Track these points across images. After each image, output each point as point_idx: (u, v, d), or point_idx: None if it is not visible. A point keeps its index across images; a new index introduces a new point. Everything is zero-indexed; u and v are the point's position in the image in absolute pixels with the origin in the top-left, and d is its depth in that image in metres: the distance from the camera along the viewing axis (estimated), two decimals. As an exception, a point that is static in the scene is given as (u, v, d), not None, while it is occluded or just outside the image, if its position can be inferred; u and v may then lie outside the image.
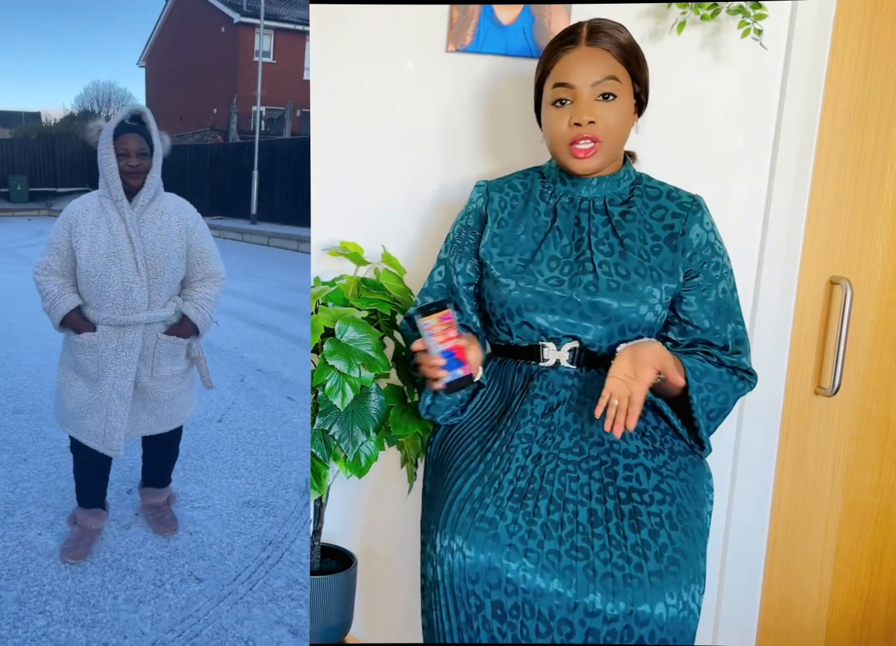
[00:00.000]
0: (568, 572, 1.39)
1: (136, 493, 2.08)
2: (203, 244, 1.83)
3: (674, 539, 1.42)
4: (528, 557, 1.40)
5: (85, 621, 1.61)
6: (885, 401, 1.99)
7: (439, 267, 1.66)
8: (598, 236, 1.52)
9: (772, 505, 2.01)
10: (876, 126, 1.88)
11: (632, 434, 1.50)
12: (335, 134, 1.91)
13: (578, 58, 1.48)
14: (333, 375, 1.60)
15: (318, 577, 1.80)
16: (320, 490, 1.72)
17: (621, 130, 1.51)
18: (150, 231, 1.75)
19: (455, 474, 1.52)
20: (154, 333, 1.79)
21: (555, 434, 1.50)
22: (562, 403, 1.51)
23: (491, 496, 1.45)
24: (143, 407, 1.83)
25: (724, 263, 1.56)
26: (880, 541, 2.04)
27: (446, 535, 1.44)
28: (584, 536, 1.41)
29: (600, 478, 1.46)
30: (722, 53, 1.84)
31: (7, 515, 2.00)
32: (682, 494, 1.48)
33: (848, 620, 2.08)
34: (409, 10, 1.87)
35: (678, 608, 1.38)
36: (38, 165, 12.18)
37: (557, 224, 1.55)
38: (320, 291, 1.74)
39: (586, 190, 1.56)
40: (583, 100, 1.47)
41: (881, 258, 1.94)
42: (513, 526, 1.42)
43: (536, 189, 1.60)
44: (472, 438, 1.56)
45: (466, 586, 1.42)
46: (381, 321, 1.77)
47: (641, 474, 1.47)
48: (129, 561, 1.83)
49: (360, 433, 1.66)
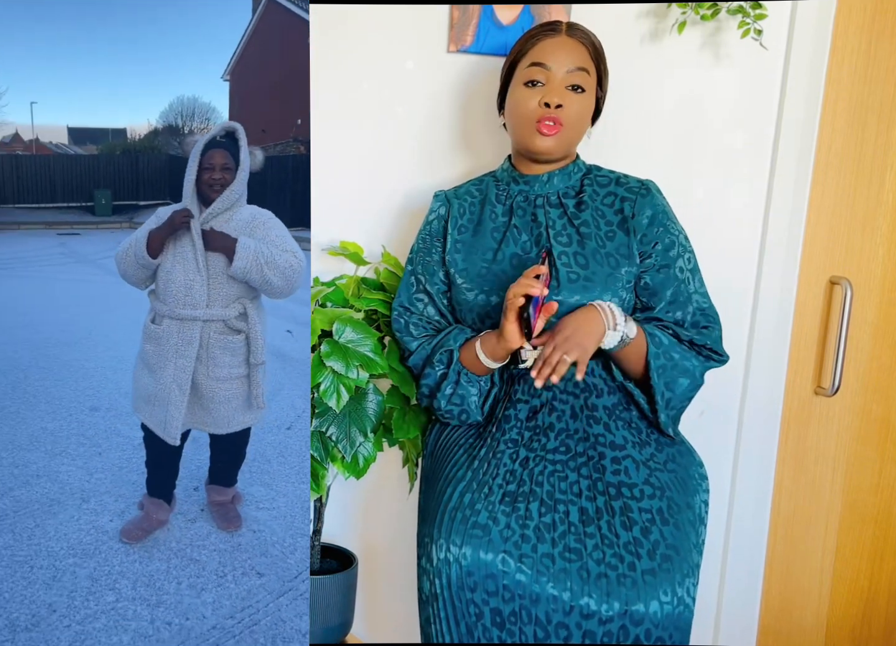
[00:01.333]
0: (562, 575, 1.39)
1: (203, 490, 2.15)
2: (274, 232, 1.86)
3: (665, 535, 1.42)
4: (524, 562, 1.40)
5: (150, 600, 1.73)
6: (885, 401, 1.99)
7: (410, 278, 1.66)
8: (555, 229, 1.54)
9: (772, 505, 2.01)
10: (876, 126, 1.88)
11: (617, 425, 1.51)
12: (335, 134, 1.91)
13: (559, 43, 1.52)
14: (328, 377, 1.60)
15: (318, 577, 1.80)
16: (319, 491, 1.72)
17: (581, 124, 1.54)
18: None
19: (444, 484, 1.52)
20: (211, 332, 1.86)
21: (540, 436, 1.50)
22: (544, 405, 1.51)
23: (482, 502, 1.46)
24: (199, 404, 1.90)
25: (681, 242, 1.55)
26: (880, 541, 2.04)
27: (441, 546, 1.44)
28: (576, 536, 1.42)
29: (588, 474, 1.46)
30: (722, 53, 1.83)
31: (83, 501, 2.14)
32: (671, 486, 1.48)
33: (848, 620, 2.08)
34: (409, 10, 1.87)
35: (673, 605, 1.39)
36: (121, 180, 12.48)
37: (514, 222, 1.57)
38: (319, 292, 1.74)
39: (539, 187, 1.57)
40: (555, 84, 1.50)
41: (881, 258, 1.94)
42: (506, 531, 1.42)
43: (492, 193, 1.62)
44: (460, 447, 1.57)
45: (465, 595, 1.42)
46: (382, 321, 1.77)
47: (630, 468, 1.48)
48: (194, 551, 1.93)
49: (357, 434, 1.66)
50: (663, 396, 1.50)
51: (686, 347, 1.53)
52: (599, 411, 1.51)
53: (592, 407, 1.51)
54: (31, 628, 1.61)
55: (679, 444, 1.57)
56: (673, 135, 1.86)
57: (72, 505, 2.10)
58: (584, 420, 1.50)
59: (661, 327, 1.53)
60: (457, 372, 1.56)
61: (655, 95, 1.84)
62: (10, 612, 1.64)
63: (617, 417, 1.52)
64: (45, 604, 1.68)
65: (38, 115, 12.39)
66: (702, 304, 1.56)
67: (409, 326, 1.65)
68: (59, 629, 1.61)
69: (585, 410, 1.51)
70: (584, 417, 1.50)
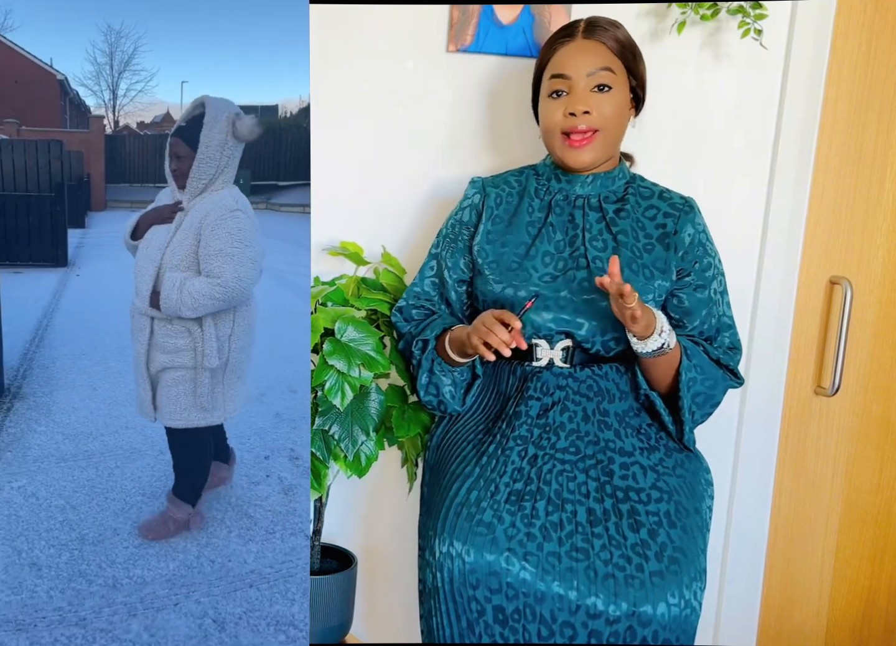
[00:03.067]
0: (569, 574, 1.38)
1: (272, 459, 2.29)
2: (212, 242, 1.80)
3: (673, 538, 1.42)
4: (528, 560, 1.39)
5: (201, 541, 1.92)
6: (885, 401, 1.99)
7: (431, 262, 1.67)
8: (591, 232, 1.53)
9: (772, 505, 2.01)
10: (876, 126, 1.88)
11: (627, 432, 1.50)
12: (335, 134, 1.91)
13: (574, 49, 1.50)
14: (332, 375, 1.60)
15: (318, 577, 1.80)
16: (320, 490, 1.72)
17: (617, 122, 1.52)
18: (180, 226, 1.81)
19: (451, 479, 1.52)
20: (157, 326, 1.84)
21: (550, 435, 1.49)
22: (556, 404, 1.50)
23: (488, 500, 1.45)
24: (158, 392, 1.91)
25: (716, 265, 1.57)
26: (880, 541, 2.04)
27: (445, 540, 1.44)
28: (583, 536, 1.41)
29: (597, 477, 1.46)
30: (722, 53, 1.84)
31: (160, 453, 2.29)
32: (679, 490, 1.48)
33: (848, 620, 2.08)
34: (409, 10, 1.87)
35: (680, 607, 1.38)
36: (262, 159, 12.30)
37: (551, 220, 1.55)
38: (320, 291, 1.74)
39: (581, 187, 1.56)
40: (578, 90, 1.48)
41: (881, 258, 1.94)
42: (511, 529, 1.42)
43: (531, 186, 1.60)
44: (468, 442, 1.56)
45: (467, 591, 1.41)
46: (381, 321, 1.77)
47: (638, 473, 1.47)
48: (250, 509, 2.06)
49: (359, 433, 1.66)
50: (690, 410, 1.51)
51: (714, 366, 1.53)
52: (611, 417, 1.51)
53: (604, 412, 1.51)
54: (96, 543, 1.88)
55: (690, 442, 1.56)
56: (673, 135, 1.87)
57: (150, 455, 2.31)
58: (595, 424, 1.49)
59: (694, 342, 1.53)
60: (430, 360, 1.56)
61: (655, 95, 1.83)
62: (82, 528, 1.93)
63: (627, 424, 1.51)
64: (111, 527, 1.94)
65: (189, 94, 12.20)
66: (731, 327, 1.58)
67: (410, 310, 1.65)
68: (119, 548, 1.86)
69: (598, 414, 1.50)
70: (596, 422, 1.49)
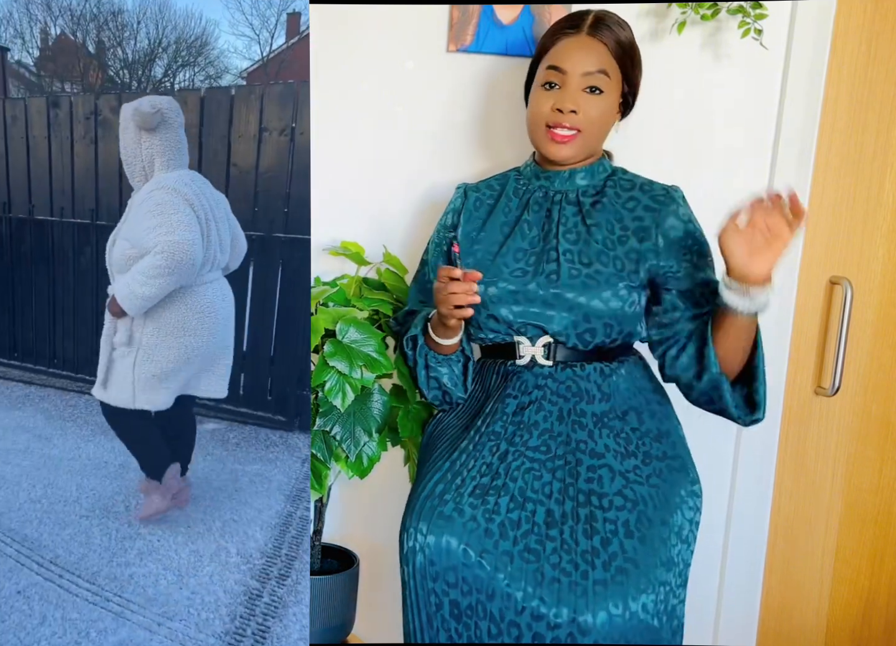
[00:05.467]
0: (519, 573, 1.38)
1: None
2: (136, 225, 1.88)
3: (626, 548, 1.38)
4: (484, 557, 1.40)
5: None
6: (885, 401, 1.99)
7: (423, 268, 1.69)
8: (566, 226, 1.52)
9: (772, 505, 2.01)
10: (876, 126, 1.88)
11: (602, 433, 1.48)
12: (335, 134, 1.91)
13: (576, 45, 1.49)
14: (333, 376, 1.60)
15: (319, 577, 1.80)
16: (321, 490, 1.71)
17: (601, 126, 1.52)
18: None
19: (424, 473, 1.53)
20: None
21: (523, 432, 1.49)
22: (533, 403, 1.50)
23: (452, 492, 1.46)
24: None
25: (709, 252, 1.53)
26: (880, 541, 2.04)
27: (412, 535, 1.45)
28: (538, 537, 1.40)
29: (562, 478, 1.44)
30: (722, 53, 1.84)
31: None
32: (646, 500, 1.44)
33: (848, 620, 2.08)
34: (409, 10, 1.87)
35: (624, 618, 1.34)
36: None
37: (527, 217, 1.55)
38: (321, 292, 1.73)
39: (560, 183, 1.56)
40: (570, 87, 1.48)
41: (881, 258, 1.94)
42: (471, 523, 1.42)
43: (510, 187, 1.61)
44: (446, 437, 1.57)
45: (428, 584, 1.43)
46: (384, 321, 1.76)
47: (605, 476, 1.44)
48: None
49: (362, 434, 1.66)
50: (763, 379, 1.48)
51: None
52: (587, 418, 1.49)
53: (581, 413, 1.49)
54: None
55: (672, 459, 1.51)
56: (673, 135, 1.87)
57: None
58: (569, 424, 1.48)
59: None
60: (424, 356, 1.56)
61: (655, 95, 1.83)
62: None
63: (604, 426, 1.49)
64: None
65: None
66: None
67: (405, 316, 1.67)
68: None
69: (573, 415, 1.49)
70: (570, 422, 1.48)
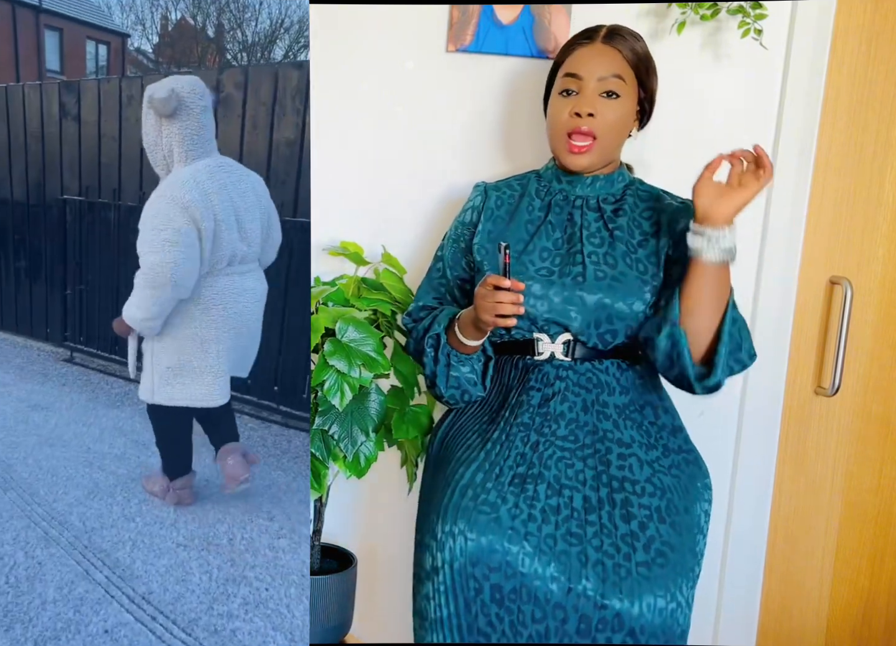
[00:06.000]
0: (563, 556, 1.41)
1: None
2: (142, 225, 1.88)
3: (662, 532, 1.44)
4: (528, 540, 1.42)
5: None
6: (885, 401, 1.99)
7: (437, 263, 1.69)
8: (590, 230, 1.55)
9: (772, 505, 2.01)
10: (876, 126, 1.88)
11: (626, 424, 1.51)
12: (335, 134, 1.91)
13: (591, 52, 1.53)
14: (332, 375, 1.60)
15: (317, 577, 1.80)
16: (320, 490, 1.72)
17: (619, 131, 1.54)
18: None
19: (456, 465, 1.54)
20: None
21: (551, 423, 1.51)
22: (556, 394, 1.52)
23: (493, 481, 1.48)
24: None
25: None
26: (880, 541, 2.04)
27: (448, 521, 1.46)
28: (578, 522, 1.44)
29: (594, 466, 1.48)
30: (722, 53, 1.84)
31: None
32: (672, 489, 1.49)
33: (848, 620, 2.08)
34: (409, 10, 1.87)
35: (666, 600, 1.40)
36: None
37: (550, 218, 1.58)
38: (321, 292, 1.74)
39: (581, 188, 1.58)
40: (587, 92, 1.51)
41: (881, 258, 1.94)
42: (514, 509, 1.45)
43: (532, 188, 1.63)
44: (473, 432, 1.58)
45: (467, 569, 1.43)
46: (382, 321, 1.76)
47: (634, 465, 1.49)
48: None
49: (359, 433, 1.66)
50: (728, 352, 1.45)
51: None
52: (610, 409, 1.52)
53: (604, 404, 1.52)
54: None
55: (687, 452, 1.57)
56: (673, 135, 1.86)
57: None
58: (594, 414, 1.51)
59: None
60: (446, 354, 1.56)
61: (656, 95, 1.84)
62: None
63: (626, 417, 1.53)
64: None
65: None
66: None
67: (419, 312, 1.66)
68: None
69: (596, 406, 1.52)
70: (595, 412, 1.51)
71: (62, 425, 2.59)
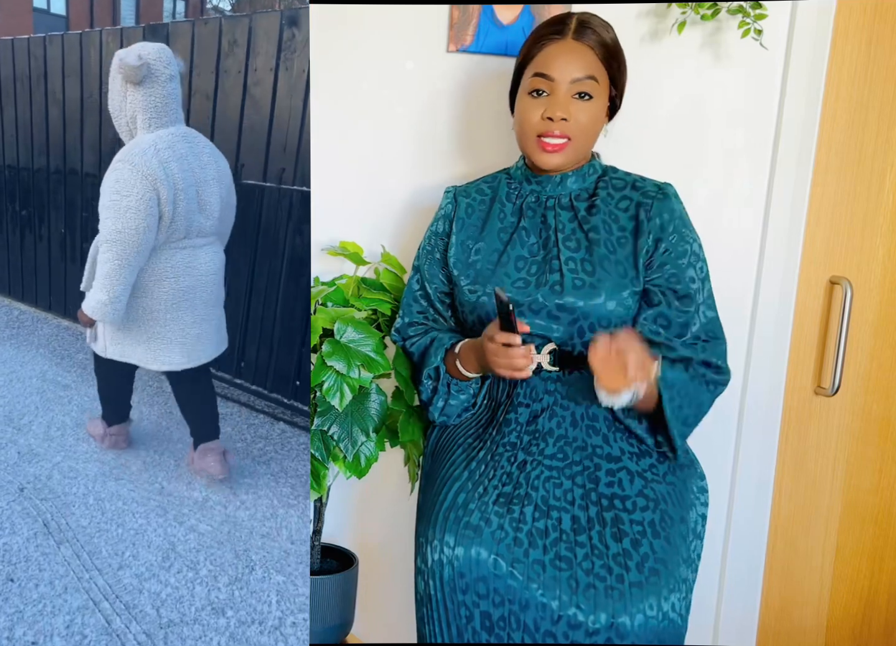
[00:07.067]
0: (552, 582, 1.38)
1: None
2: (102, 192, 1.87)
3: (655, 548, 1.40)
4: (515, 567, 1.39)
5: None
6: (885, 401, 1.99)
7: (416, 275, 1.65)
8: (564, 233, 1.51)
9: (772, 505, 2.01)
10: (876, 126, 1.88)
11: (616, 437, 1.49)
12: (335, 134, 1.91)
13: (563, 51, 1.47)
14: (331, 376, 1.60)
15: (318, 577, 1.80)
16: (320, 490, 1.72)
17: (592, 131, 1.51)
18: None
19: (440, 484, 1.52)
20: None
21: (539, 441, 1.49)
22: (545, 410, 1.50)
23: (475, 502, 1.45)
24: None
25: (694, 251, 1.51)
26: (880, 541, 2.04)
27: (436, 547, 1.44)
28: (567, 544, 1.40)
29: (583, 484, 1.45)
30: (722, 53, 1.83)
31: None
32: (666, 499, 1.46)
33: (848, 620, 2.08)
34: (409, 10, 1.87)
35: (657, 619, 1.37)
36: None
37: (524, 224, 1.54)
38: (320, 292, 1.74)
39: (552, 188, 1.55)
40: (559, 94, 1.46)
41: (881, 258, 1.94)
42: (499, 532, 1.41)
43: (502, 191, 1.59)
44: (458, 446, 1.56)
45: (457, 597, 1.41)
46: (382, 321, 1.76)
47: (624, 479, 1.46)
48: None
49: (359, 434, 1.66)
50: (681, 433, 1.47)
51: (698, 382, 1.48)
52: (600, 422, 1.49)
53: (593, 417, 1.49)
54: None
55: (683, 454, 1.54)
56: (673, 135, 1.87)
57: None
58: (583, 429, 1.48)
59: (671, 359, 1.47)
60: (446, 384, 1.56)
61: (655, 95, 1.84)
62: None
63: (617, 429, 1.50)
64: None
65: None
66: (708, 315, 1.51)
67: (407, 329, 1.65)
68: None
69: (586, 419, 1.49)
70: (584, 427, 1.48)
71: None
